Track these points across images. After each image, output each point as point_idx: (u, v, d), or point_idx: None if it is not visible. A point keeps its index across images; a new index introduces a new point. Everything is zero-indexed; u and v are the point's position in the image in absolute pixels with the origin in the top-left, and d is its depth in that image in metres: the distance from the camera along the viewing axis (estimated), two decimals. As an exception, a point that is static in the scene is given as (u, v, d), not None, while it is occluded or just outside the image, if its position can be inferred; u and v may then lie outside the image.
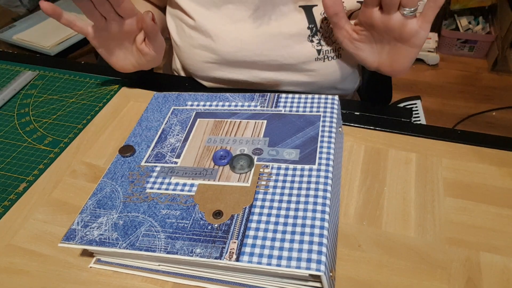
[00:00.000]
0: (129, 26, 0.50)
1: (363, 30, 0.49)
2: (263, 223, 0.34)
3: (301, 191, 0.36)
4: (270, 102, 0.47)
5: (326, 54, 0.56)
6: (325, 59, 0.57)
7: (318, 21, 0.54)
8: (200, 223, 0.35)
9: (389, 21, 0.45)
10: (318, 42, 0.56)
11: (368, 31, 0.48)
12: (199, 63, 0.59)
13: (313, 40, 0.55)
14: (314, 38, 0.55)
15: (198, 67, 0.60)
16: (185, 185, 0.39)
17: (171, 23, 0.62)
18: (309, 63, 0.57)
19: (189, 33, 0.58)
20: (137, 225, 0.36)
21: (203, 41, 0.57)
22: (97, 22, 0.49)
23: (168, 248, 0.33)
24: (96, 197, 0.39)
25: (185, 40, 0.59)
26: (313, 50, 0.56)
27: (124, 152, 0.43)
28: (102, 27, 0.50)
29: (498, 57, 1.82)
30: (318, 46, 0.56)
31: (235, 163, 0.40)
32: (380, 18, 0.45)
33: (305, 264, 0.30)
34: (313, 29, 0.55)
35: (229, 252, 0.32)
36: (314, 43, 0.56)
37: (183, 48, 0.60)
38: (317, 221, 0.33)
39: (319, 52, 0.56)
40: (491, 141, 0.48)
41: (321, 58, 0.57)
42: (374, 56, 0.51)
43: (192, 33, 0.58)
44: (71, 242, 0.35)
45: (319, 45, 0.56)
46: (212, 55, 0.57)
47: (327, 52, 0.56)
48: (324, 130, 0.42)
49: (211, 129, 0.45)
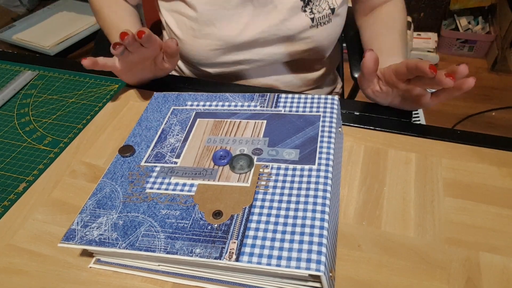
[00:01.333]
0: (153, 52, 0.51)
1: (385, 86, 0.51)
2: (263, 223, 0.34)
3: (301, 191, 0.36)
4: (270, 102, 0.47)
5: (318, 20, 0.61)
6: (318, 25, 0.62)
7: None
8: (200, 223, 0.35)
9: (412, 90, 0.48)
10: (311, 11, 0.60)
11: (389, 87, 0.50)
12: (203, 52, 0.63)
13: (305, 10, 0.60)
14: (307, 8, 0.60)
15: (202, 56, 0.63)
16: (185, 185, 0.39)
17: (170, 19, 0.64)
18: (305, 31, 0.62)
19: (190, 25, 0.61)
20: (136, 225, 0.36)
21: (206, 30, 0.60)
22: (125, 57, 0.51)
23: (168, 248, 0.33)
24: (95, 197, 0.39)
25: (187, 32, 0.62)
26: (307, 19, 0.61)
27: (124, 152, 0.43)
28: (130, 59, 0.51)
29: (497, 57, 1.82)
30: (311, 15, 0.60)
31: (235, 163, 0.40)
32: (406, 86, 0.48)
33: (304, 264, 0.30)
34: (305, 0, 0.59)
35: (229, 252, 0.32)
36: (307, 12, 0.60)
37: (186, 41, 0.63)
38: (316, 221, 0.33)
39: (312, 20, 0.61)
40: (491, 141, 0.48)
41: (314, 25, 0.61)
42: (387, 101, 0.54)
43: (194, 25, 0.61)
44: (71, 242, 0.35)
45: (312, 14, 0.60)
46: (217, 42, 0.61)
47: (319, 19, 0.61)
48: (324, 130, 0.42)
49: (211, 129, 0.45)
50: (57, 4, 1.87)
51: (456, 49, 1.97)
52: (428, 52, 1.93)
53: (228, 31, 0.60)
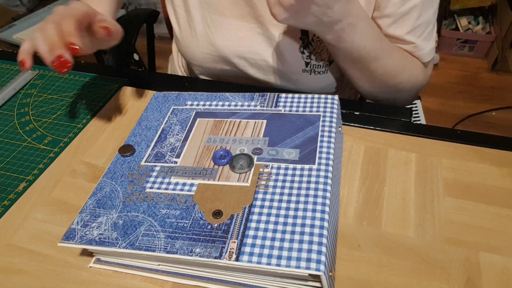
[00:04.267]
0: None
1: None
2: (263, 223, 0.34)
3: (301, 191, 0.36)
4: (270, 101, 0.47)
5: (313, 68, 0.57)
6: (311, 72, 0.58)
7: (311, 34, 0.55)
8: (200, 222, 0.35)
9: None
10: (309, 55, 0.56)
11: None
12: (196, 53, 0.61)
13: (304, 52, 0.56)
14: (305, 50, 0.56)
15: (195, 57, 0.62)
16: (185, 185, 0.39)
17: (171, 11, 0.63)
18: (296, 73, 0.58)
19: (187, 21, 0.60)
20: (136, 225, 0.36)
21: (202, 30, 0.59)
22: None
23: (168, 247, 0.33)
24: (95, 197, 0.39)
25: (184, 28, 0.61)
26: (301, 61, 0.57)
27: (123, 152, 0.43)
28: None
29: (498, 57, 1.82)
30: (308, 59, 0.56)
31: (234, 162, 0.40)
32: None
33: (304, 263, 0.30)
34: (304, 40, 0.55)
35: (229, 251, 0.32)
36: (304, 54, 0.56)
37: (183, 38, 0.62)
38: (316, 221, 0.33)
39: (306, 65, 0.57)
40: (491, 141, 0.48)
41: (307, 71, 0.57)
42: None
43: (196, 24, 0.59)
44: (71, 241, 0.35)
45: (309, 58, 0.56)
46: (209, 46, 0.59)
47: (314, 66, 0.57)
48: (324, 130, 0.42)
49: (211, 129, 0.45)
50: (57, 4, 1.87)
51: (456, 49, 1.96)
52: (428, 52, 1.93)
53: (222, 40, 0.58)
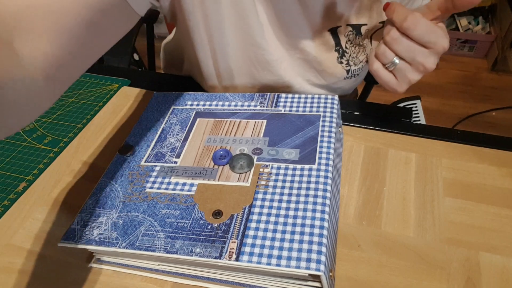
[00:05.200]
0: None
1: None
2: (263, 223, 0.34)
3: (301, 191, 0.36)
4: (270, 102, 0.47)
5: (353, 73, 0.59)
6: (352, 77, 0.60)
7: (343, 43, 0.55)
8: (200, 222, 0.35)
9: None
10: (347, 63, 0.58)
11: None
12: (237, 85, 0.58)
13: (342, 62, 0.57)
14: (343, 59, 0.57)
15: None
16: (185, 185, 0.39)
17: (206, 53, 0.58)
18: (338, 82, 0.60)
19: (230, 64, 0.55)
20: (136, 225, 0.36)
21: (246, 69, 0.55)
22: None
23: (168, 247, 0.33)
24: (95, 197, 0.39)
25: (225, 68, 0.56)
26: (343, 71, 0.58)
27: (123, 152, 0.43)
28: None
29: (498, 57, 1.82)
30: (347, 67, 0.58)
31: (234, 162, 0.40)
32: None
33: (304, 263, 0.30)
34: (339, 50, 0.56)
35: (229, 251, 0.32)
36: (343, 64, 0.57)
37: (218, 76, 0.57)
38: (316, 221, 0.33)
39: (348, 72, 0.58)
40: (491, 141, 0.48)
41: (349, 77, 0.59)
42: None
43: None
44: (71, 241, 0.35)
45: (348, 66, 0.58)
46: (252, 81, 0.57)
47: (354, 71, 0.59)
48: (324, 130, 0.42)
49: (211, 129, 0.45)
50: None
51: (457, 49, 1.97)
52: (428, 52, 1.93)
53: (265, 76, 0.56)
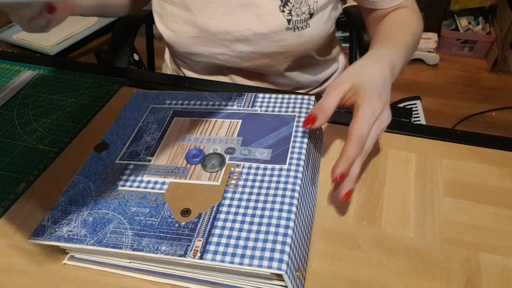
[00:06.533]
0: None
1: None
2: (230, 222, 0.34)
3: (270, 190, 0.36)
4: (247, 102, 0.47)
5: (296, 24, 0.59)
6: (295, 29, 0.59)
7: None
8: (168, 221, 0.35)
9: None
10: (289, 12, 0.58)
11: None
12: (182, 39, 0.62)
13: (284, 10, 0.58)
14: (285, 8, 0.58)
15: (182, 43, 0.63)
16: (157, 183, 0.39)
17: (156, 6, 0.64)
18: (280, 33, 0.59)
19: (171, 11, 0.61)
20: (106, 222, 0.36)
21: (184, 16, 0.60)
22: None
23: (135, 245, 0.33)
24: (68, 194, 0.39)
25: (168, 19, 0.62)
26: (283, 19, 0.58)
27: (99, 150, 0.44)
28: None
29: (498, 57, 1.82)
30: (289, 16, 0.58)
31: (206, 161, 0.40)
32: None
33: (267, 262, 0.30)
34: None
35: (194, 250, 0.32)
36: (285, 13, 0.58)
37: (168, 27, 0.63)
38: (282, 221, 0.33)
39: (289, 22, 0.58)
40: (491, 141, 0.48)
41: (291, 28, 0.59)
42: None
43: (174, 10, 0.61)
44: (40, 238, 0.35)
45: (290, 15, 0.58)
46: (194, 29, 0.61)
47: (296, 22, 0.59)
48: (297, 131, 0.42)
49: (186, 128, 0.45)
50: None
51: (456, 49, 1.97)
52: (428, 52, 1.93)
53: (205, 19, 0.59)
